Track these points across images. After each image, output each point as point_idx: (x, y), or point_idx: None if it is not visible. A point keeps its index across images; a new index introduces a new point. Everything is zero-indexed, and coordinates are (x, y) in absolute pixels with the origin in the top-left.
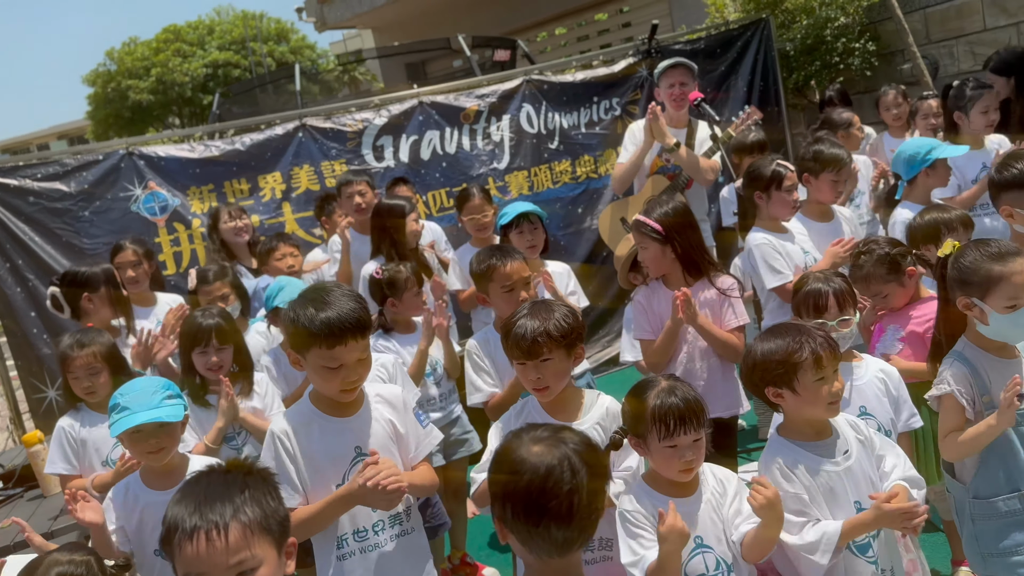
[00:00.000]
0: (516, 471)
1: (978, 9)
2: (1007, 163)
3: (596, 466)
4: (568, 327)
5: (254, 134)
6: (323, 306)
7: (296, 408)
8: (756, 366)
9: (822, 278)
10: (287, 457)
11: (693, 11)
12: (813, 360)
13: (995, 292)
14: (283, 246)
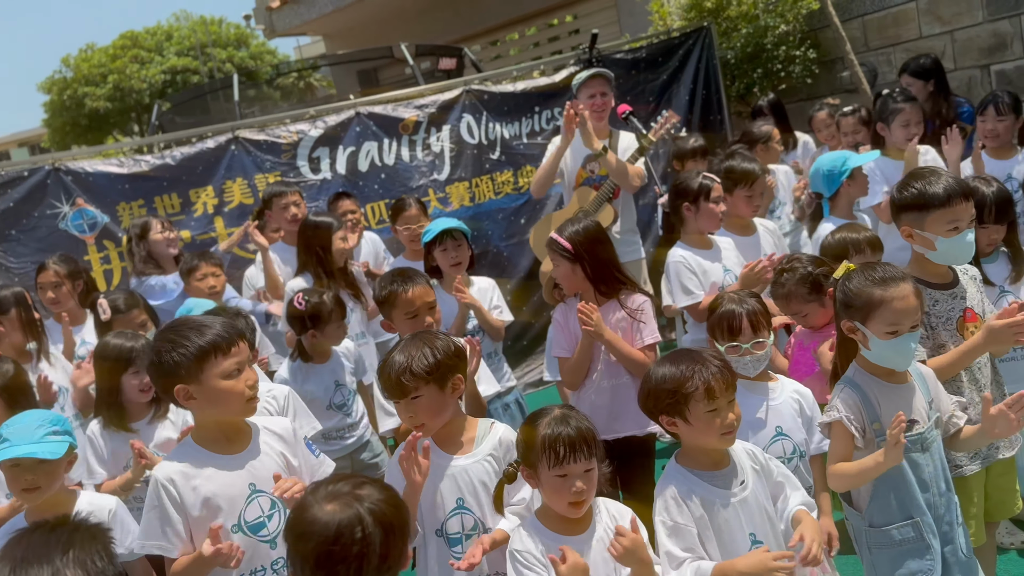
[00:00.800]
0: (305, 532)
1: (913, 17)
2: (907, 183)
3: (394, 525)
4: (435, 362)
5: (185, 148)
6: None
7: (180, 451)
8: (650, 393)
9: (736, 299)
10: (173, 506)
11: (641, 19)
12: (704, 391)
13: (876, 317)
14: (204, 265)
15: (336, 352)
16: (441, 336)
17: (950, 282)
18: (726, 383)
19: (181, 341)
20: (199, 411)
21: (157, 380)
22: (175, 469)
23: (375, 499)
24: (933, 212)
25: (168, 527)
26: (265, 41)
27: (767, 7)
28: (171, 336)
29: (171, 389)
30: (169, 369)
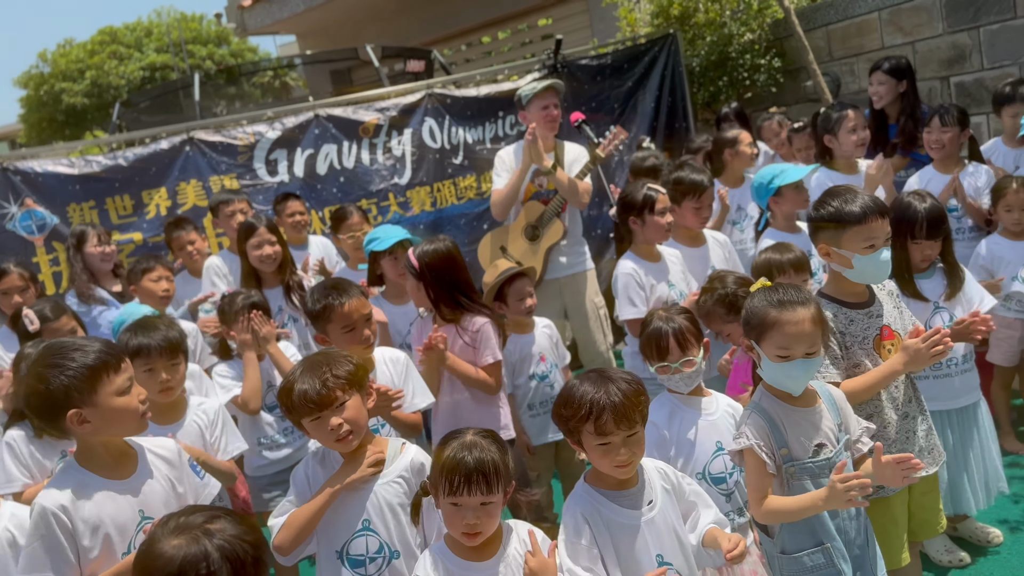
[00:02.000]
0: (149, 565)
1: (876, 27)
2: (823, 201)
3: (244, 563)
4: (353, 368)
5: (138, 149)
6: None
7: (65, 477)
8: (555, 411)
9: (664, 317)
10: (64, 535)
11: (612, 25)
12: (595, 427)
13: (768, 338)
14: (160, 268)
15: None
16: (342, 353)
17: (866, 301)
18: (622, 420)
19: (67, 364)
20: (91, 435)
21: (44, 410)
22: (64, 496)
23: (227, 534)
24: (849, 230)
25: (59, 558)
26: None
27: (733, 15)
28: (54, 361)
29: (61, 417)
30: (60, 395)
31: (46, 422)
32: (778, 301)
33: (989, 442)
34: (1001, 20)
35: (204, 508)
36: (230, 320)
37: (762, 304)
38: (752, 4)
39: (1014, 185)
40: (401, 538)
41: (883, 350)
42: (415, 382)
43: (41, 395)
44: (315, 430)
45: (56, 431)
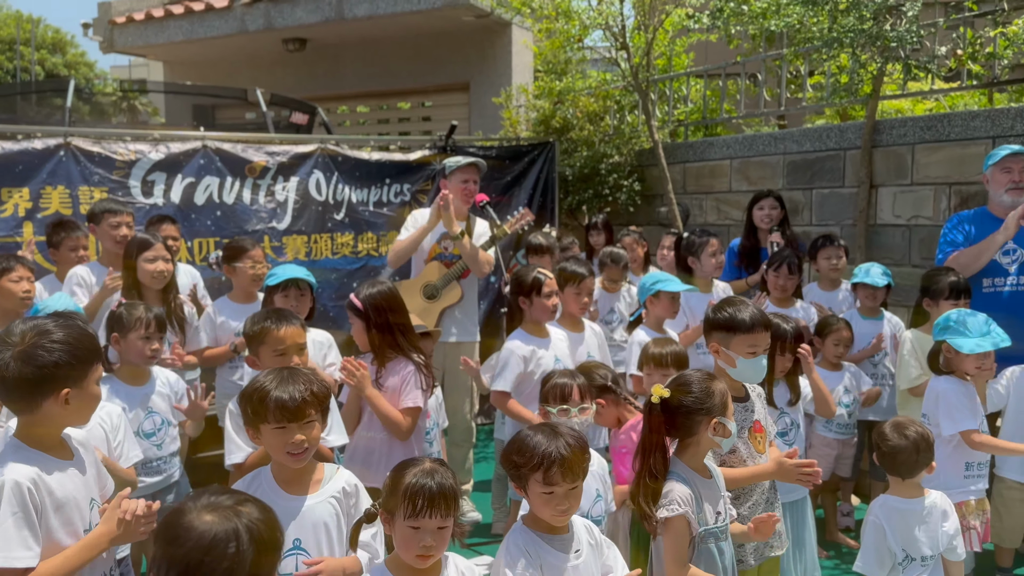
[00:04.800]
0: (179, 537)
1: (727, 173)
2: (721, 306)
3: (268, 547)
4: (327, 391)
5: (6, 142)
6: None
7: (18, 455)
8: (504, 456)
9: (568, 374)
10: (35, 512)
11: (490, 120)
12: (543, 476)
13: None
14: (21, 268)
15: (155, 378)
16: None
17: (743, 396)
18: (568, 473)
19: (72, 345)
20: (59, 417)
21: (31, 386)
22: (31, 471)
23: (254, 517)
24: (739, 335)
25: (31, 535)
26: (85, 52)
27: (604, 138)
28: (54, 339)
29: (49, 392)
30: (58, 374)
31: (25, 395)
32: (707, 375)
33: (811, 535)
34: (831, 186)
35: (231, 490)
36: (125, 329)
37: (705, 383)
38: (624, 131)
39: (841, 324)
40: (332, 556)
41: (755, 440)
42: (334, 419)
43: (41, 367)
44: (272, 438)
45: (23, 406)
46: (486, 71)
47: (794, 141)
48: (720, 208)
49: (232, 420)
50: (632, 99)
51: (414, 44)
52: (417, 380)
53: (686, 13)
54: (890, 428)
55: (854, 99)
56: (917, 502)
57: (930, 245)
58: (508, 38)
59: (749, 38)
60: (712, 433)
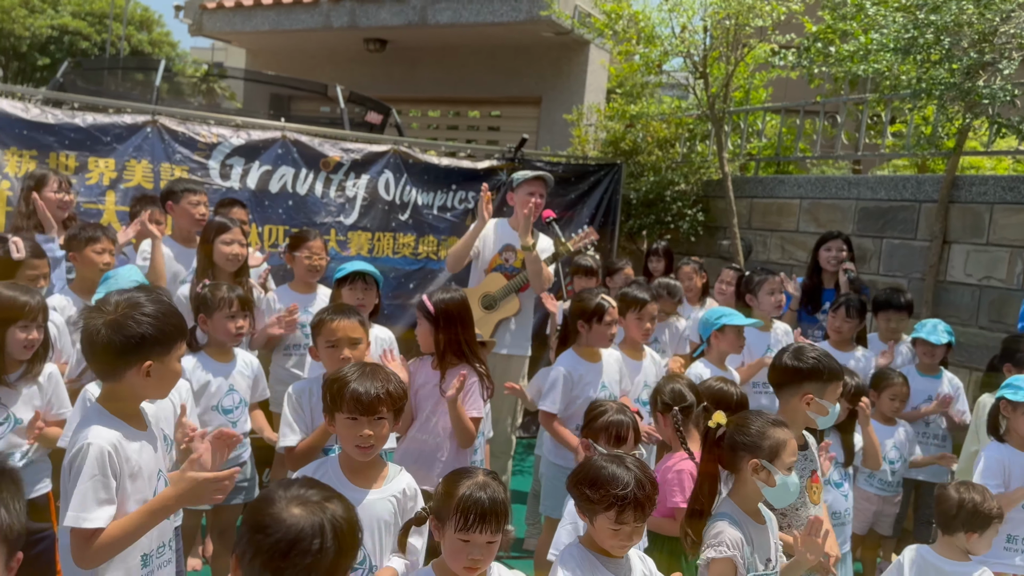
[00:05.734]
0: (267, 526)
1: (795, 213)
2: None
3: (348, 546)
4: (402, 392)
5: (98, 115)
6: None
7: (100, 419)
8: (576, 483)
9: (621, 410)
10: (112, 475)
11: (558, 136)
12: (616, 512)
13: (780, 455)
14: (105, 240)
15: (237, 358)
16: (394, 373)
17: (803, 445)
18: (640, 512)
19: (163, 320)
20: (139, 388)
21: (117, 354)
22: (113, 436)
23: (339, 516)
24: (832, 383)
25: (107, 498)
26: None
27: (672, 164)
28: (146, 312)
29: (133, 362)
30: (143, 344)
31: (111, 362)
32: (775, 422)
33: None
34: (902, 237)
35: (320, 485)
36: (211, 309)
37: (766, 427)
38: (694, 160)
39: (899, 379)
40: (382, 554)
41: (811, 490)
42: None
43: (128, 337)
44: (344, 428)
45: (107, 373)
46: (559, 87)
47: (868, 187)
48: (784, 247)
49: (289, 404)
50: (705, 128)
51: (490, 55)
52: (480, 390)
53: (771, 49)
54: (957, 481)
55: (936, 151)
56: (958, 565)
57: (1000, 308)
58: (585, 57)
59: (831, 79)
60: (753, 474)
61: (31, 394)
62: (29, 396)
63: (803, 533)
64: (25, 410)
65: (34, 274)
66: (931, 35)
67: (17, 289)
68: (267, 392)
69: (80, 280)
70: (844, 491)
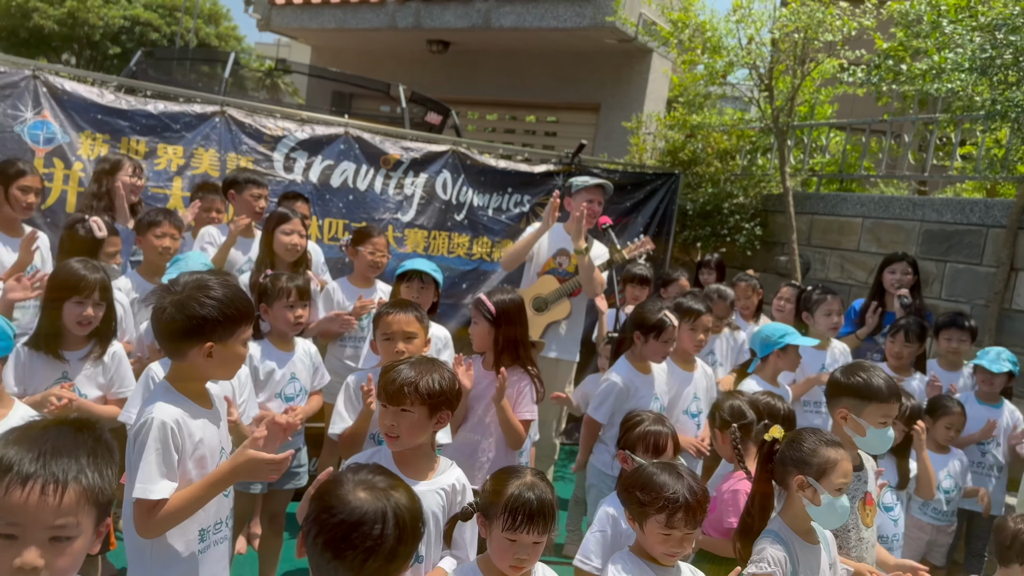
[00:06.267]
0: (333, 506)
1: (857, 231)
2: (854, 371)
3: (409, 533)
4: (439, 390)
5: (170, 103)
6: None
7: (167, 397)
8: (627, 488)
9: (659, 420)
10: (175, 450)
11: (615, 143)
12: (667, 517)
13: (829, 475)
14: (167, 224)
15: (298, 347)
16: (450, 371)
17: (858, 465)
18: (691, 518)
19: (225, 303)
20: (202, 368)
21: (183, 331)
22: (176, 413)
23: (402, 503)
24: (871, 403)
25: (169, 471)
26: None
27: (732, 177)
28: (211, 294)
29: (197, 344)
30: (206, 327)
31: (175, 341)
32: (829, 441)
33: None
34: (967, 262)
35: (387, 473)
36: (271, 299)
37: (818, 445)
38: (754, 173)
39: (956, 407)
40: (431, 545)
41: (864, 512)
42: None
43: (191, 318)
44: (381, 413)
45: (172, 351)
46: (619, 94)
47: (934, 209)
48: (844, 266)
49: (344, 393)
50: (767, 142)
51: (551, 60)
52: (532, 393)
53: (840, 64)
54: (1016, 514)
55: (1008, 176)
56: None
57: None
58: (647, 65)
59: (900, 97)
60: (799, 491)
61: (96, 371)
62: (94, 373)
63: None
64: (89, 386)
65: (113, 251)
66: (1009, 56)
67: (80, 264)
68: (326, 379)
69: (145, 263)
70: (894, 515)
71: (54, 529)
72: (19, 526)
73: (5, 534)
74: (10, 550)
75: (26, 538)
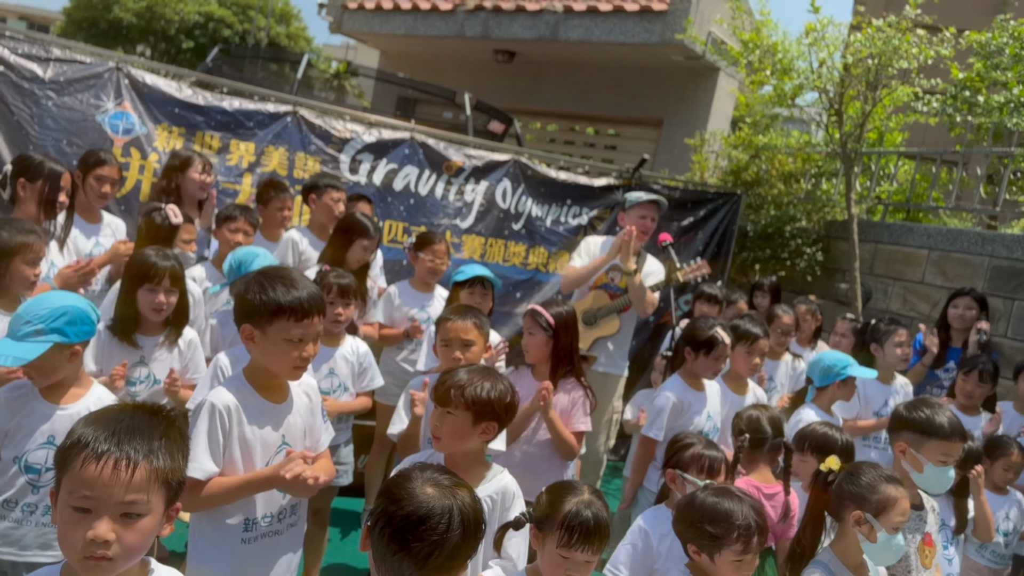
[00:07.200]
0: (401, 499)
1: (922, 263)
2: (917, 405)
3: (471, 532)
4: (485, 399)
5: (244, 100)
6: (292, 284)
7: (232, 383)
8: (691, 523)
9: (712, 446)
10: (222, 434)
11: (676, 160)
12: (743, 544)
13: (887, 513)
14: (242, 220)
15: (346, 345)
16: (507, 384)
17: (919, 505)
18: (763, 540)
19: (268, 290)
20: (255, 354)
21: (235, 309)
22: (231, 400)
23: (467, 502)
24: (932, 440)
25: (216, 453)
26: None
27: (795, 200)
28: (264, 280)
29: (241, 323)
30: (246, 307)
31: (235, 319)
32: (889, 478)
33: None
34: None
35: (450, 471)
36: None
37: (878, 481)
38: (819, 198)
39: (1015, 449)
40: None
41: (923, 554)
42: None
43: (239, 297)
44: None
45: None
46: (683, 111)
47: (1004, 245)
48: (907, 298)
49: (405, 396)
50: (833, 166)
51: (616, 74)
52: (585, 405)
53: (914, 92)
54: None
55: None
56: None
57: None
58: (713, 83)
59: (974, 129)
60: (855, 526)
61: (171, 357)
62: (169, 359)
63: None
64: (163, 371)
65: (188, 238)
66: None
67: (152, 252)
68: (377, 381)
69: (219, 257)
70: (949, 555)
71: (125, 505)
72: (93, 499)
73: (80, 507)
74: (84, 523)
75: (99, 511)
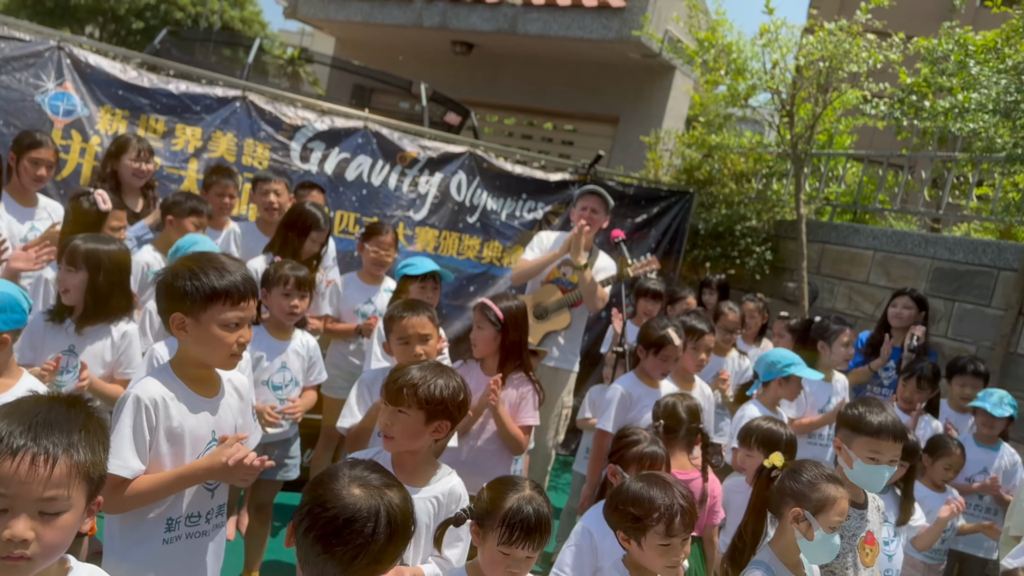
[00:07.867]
0: (327, 500)
1: (867, 264)
2: (856, 403)
3: (399, 534)
4: (438, 397)
5: (192, 84)
6: (223, 268)
7: (160, 375)
8: (616, 508)
9: (656, 442)
10: (148, 429)
11: (632, 157)
12: (665, 526)
13: (825, 512)
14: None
15: (295, 337)
16: (459, 381)
17: (862, 503)
18: (686, 523)
19: (199, 275)
20: (187, 344)
21: (160, 299)
22: (159, 392)
23: (395, 503)
24: (861, 436)
25: (141, 448)
26: (261, 11)
27: (746, 200)
28: (193, 266)
29: (170, 312)
30: (177, 294)
31: (159, 310)
32: (830, 477)
33: None
34: (976, 303)
35: (383, 471)
36: (270, 284)
37: (819, 479)
38: (769, 198)
39: (957, 449)
40: (416, 554)
41: (863, 552)
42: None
43: (165, 285)
44: (381, 411)
45: (164, 321)
46: (639, 109)
47: (946, 248)
48: (852, 297)
49: (357, 388)
50: (783, 167)
51: (574, 70)
52: (534, 399)
53: (863, 96)
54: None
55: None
56: None
57: None
58: (669, 81)
59: (920, 133)
60: (793, 523)
61: (103, 348)
62: (101, 350)
63: None
64: (94, 364)
65: (117, 225)
66: None
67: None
68: (323, 375)
69: (164, 244)
70: (890, 551)
71: (44, 502)
72: (9, 498)
73: None
74: (0, 522)
75: (15, 509)
